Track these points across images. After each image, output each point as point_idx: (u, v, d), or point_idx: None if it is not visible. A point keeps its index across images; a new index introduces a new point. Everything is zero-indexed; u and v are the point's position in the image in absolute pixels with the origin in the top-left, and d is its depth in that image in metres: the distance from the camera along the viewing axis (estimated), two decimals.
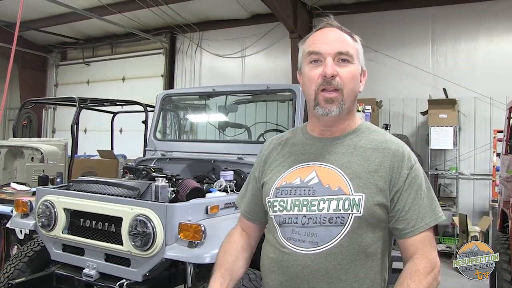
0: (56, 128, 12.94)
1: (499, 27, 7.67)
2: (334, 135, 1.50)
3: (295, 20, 8.40)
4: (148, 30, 10.71)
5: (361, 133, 1.50)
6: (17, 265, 3.18)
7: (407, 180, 1.39)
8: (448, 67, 8.00)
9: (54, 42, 12.59)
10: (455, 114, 7.22)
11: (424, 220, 1.37)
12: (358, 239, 1.36)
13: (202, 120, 5.30)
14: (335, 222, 1.36)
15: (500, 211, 4.49)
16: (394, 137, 1.51)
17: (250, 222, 1.67)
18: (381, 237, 1.41)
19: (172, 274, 2.89)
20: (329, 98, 1.40)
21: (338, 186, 1.39)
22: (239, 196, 1.75)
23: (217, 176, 3.65)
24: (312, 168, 1.46)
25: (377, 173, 1.39)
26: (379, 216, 1.38)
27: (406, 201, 1.38)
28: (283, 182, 1.49)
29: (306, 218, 1.39)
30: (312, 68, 1.44)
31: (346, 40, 1.46)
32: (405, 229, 1.38)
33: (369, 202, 1.36)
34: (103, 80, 11.93)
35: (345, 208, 1.35)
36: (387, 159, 1.41)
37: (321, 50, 1.42)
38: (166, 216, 2.51)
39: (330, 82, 1.40)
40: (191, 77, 10.80)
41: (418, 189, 1.39)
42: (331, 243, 1.35)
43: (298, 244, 1.39)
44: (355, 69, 1.45)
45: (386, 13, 8.43)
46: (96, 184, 2.99)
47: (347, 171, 1.40)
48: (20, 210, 3.20)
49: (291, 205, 1.43)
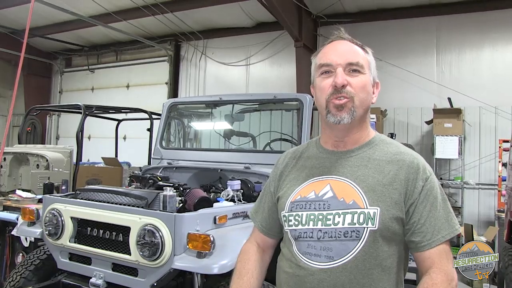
0: (60, 134, 12.97)
1: (504, 37, 7.68)
2: (348, 148, 1.49)
3: (300, 29, 8.43)
4: (153, 38, 10.75)
5: (375, 146, 1.49)
6: (23, 273, 3.17)
7: (422, 192, 1.38)
8: (452, 76, 8.01)
9: (59, 49, 12.66)
10: (460, 123, 7.21)
11: (441, 232, 1.36)
12: (373, 253, 1.34)
13: (208, 128, 5.31)
14: (350, 236, 1.35)
15: (508, 222, 4.46)
16: (409, 149, 1.50)
17: (266, 237, 1.66)
18: (397, 250, 1.40)
19: (180, 284, 2.87)
20: (339, 105, 1.40)
21: (352, 200, 1.38)
22: (253, 210, 1.74)
23: (223, 185, 3.65)
24: (326, 181, 1.45)
25: (391, 185, 1.38)
26: (395, 229, 1.36)
27: (422, 213, 1.37)
28: (297, 196, 1.48)
29: (321, 232, 1.38)
30: (323, 79, 1.45)
31: (357, 51, 1.46)
32: (421, 242, 1.36)
33: (384, 215, 1.35)
34: (108, 87, 11.98)
35: (360, 222, 1.35)
36: (402, 171, 1.40)
37: (332, 61, 1.43)
38: (175, 226, 2.50)
39: (340, 91, 1.40)
40: (195, 85, 10.82)
41: (433, 201, 1.38)
42: (346, 258, 1.34)
43: (314, 259, 1.38)
44: (366, 79, 1.44)
45: (390, 22, 8.46)
46: (103, 193, 2.98)
47: (361, 184, 1.40)
48: (27, 218, 3.19)
49: (306, 220, 1.42)
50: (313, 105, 3.78)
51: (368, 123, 1.52)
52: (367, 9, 8.69)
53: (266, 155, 3.95)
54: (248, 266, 1.59)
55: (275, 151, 4.20)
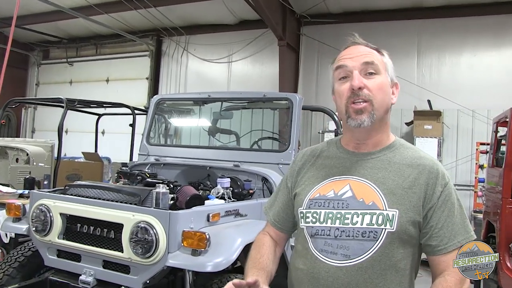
0: (36, 128, 12.67)
1: (483, 42, 7.89)
2: (369, 150, 1.52)
3: (284, 28, 8.47)
4: (134, 32, 10.61)
5: (396, 149, 1.52)
6: (6, 270, 3.07)
7: (440, 197, 1.41)
8: (432, 79, 8.19)
9: (36, 40, 12.34)
10: (439, 125, 7.37)
11: (457, 237, 1.39)
12: (389, 254, 1.37)
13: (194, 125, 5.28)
14: (368, 236, 1.38)
15: (486, 222, 4.60)
16: (428, 154, 1.53)
17: (278, 231, 1.68)
18: (411, 253, 1.43)
19: (171, 282, 2.86)
20: (359, 109, 1.43)
21: (372, 201, 1.40)
22: (268, 204, 1.76)
23: (212, 183, 3.63)
24: (346, 181, 1.48)
25: (411, 189, 1.41)
26: (411, 232, 1.40)
27: (440, 218, 1.40)
28: (316, 194, 1.50)
29: (339, 231, 1.41)
30: (341, 84, 1.48)
31: (372, 53, 1.49)
32: (438, 246, 1.40)
33: (403, 218, 1.38)
34: (87, 80, 11.76)
35: (379, 223, 1.38)
36: (422, 176, 1.43)
37: (347, 64, 1.46)
38: (170, 224, 2.48)
39: (358, 94, 1.42)
40: (176, 81, 10.74)
41: (451, 207, 1.42)
42: (363, 257, 1.37)
43: (330, 256, 1.40)
44: (383, 81, 1.47)
45: (373, 24, 8.56)
46: (94, 189, 2.93)
47: (381, 186, 1.42)
48: (12, 214, 3.11)
49: (324, 217, 1.44)
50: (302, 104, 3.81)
51: (388, 125, 1.55)
52: (350, 10, 8.79)
53: (254, 153, 3.95)
54: (263, 250, 1.60)
55: (263, 150, 4.21)
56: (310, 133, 8.79)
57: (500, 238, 3.89)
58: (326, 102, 7.85)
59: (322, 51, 8.92)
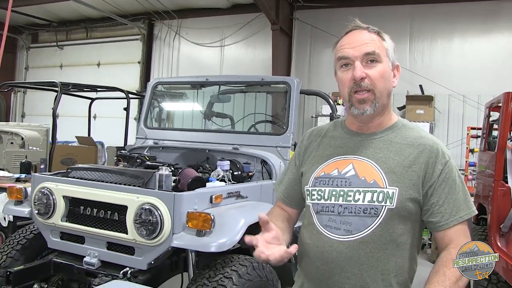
0: (26, 112, 12.53)
1: (473, 28, 7.96)
2: (371, 131, 1.57)
3: (277, 12, 8.44)
4: (125, 15, 10.48)
5: (398, 130, 1.57)
6: (9, 253, 3.11)
7: (441, 175, 1.46)
8: (424, 64, 8.24)
9: (24, 23, 12.10)
10: (431, 110, 7.46)
11: (459, 213, 1.45)
12: (389, 230, 1.44)
13: (189, 109, 5.29)
14: (369, 212, 1.44)
15: (478, 205, 4.69)
16: (430, 134, 1.58)
17: (288, 207, 1.74)
18: (411, 228, 1.49)
19: (174, 263, 2.91)
20: (361, 99, 1.48)
21: (373, 179, 1.46)
22: (278, 181, 1.82)
23: (211, 166, 3.67)
24: (349, 161, 1.53)
25: (411, 168, 1.47)
26: (411, 209, 1.45)
27: (441, 195, 1.45)
28: (321, 172, 1.56)
29: (342, 207, 1.47)
30: (343, 72, 1.52)
31: (373, 41, 1.51)
32: (439, 221, 1.45)
33: (402, 195, 1.44)
34: (77, 64, 11.60)
35: (379, 200, 1.44)
36: (422, 155, 1.48)
37: (349, 55, 1.49)
38: (174, 205, 2.52)
39: (360, 85, 1.47)
40: (168, 65, 10.67)
41: (452, 184, 1.47)
42: (364, 232, 1.44)
43: (334, 232, 1.47)
44: (384, 68, 1.50)
45: (366, 8, 8.54)
46: (96, 171, 2.95)
47: (382, 165, 1.48)
48: (14, 197, 3.13)
49: (328, 195, 1.51)
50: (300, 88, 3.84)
51: (390, 107, 1.59)
52: None
53: (251, 136, 3.98)
54: (276, 212, 1.70)
55: (261, 133, 4.25)
56: (303, 117, 8.82)
57: (491, 219, 3.98)
58: (319, 86, 7.87)
59: (315, 35, 8.90)
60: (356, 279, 1.45)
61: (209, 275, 2.55)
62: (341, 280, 1.47)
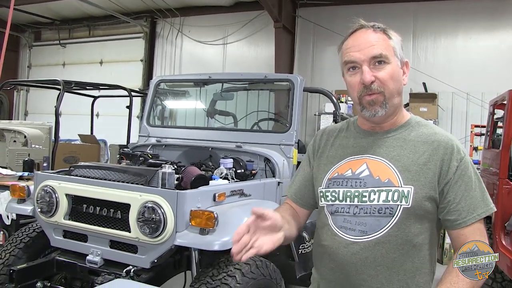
0: (28, 111, 12.55)
1: (477, 26, 7.92)
2: (384, 130, 1.54)
3: (280, 10, 8.43)
4: (128, 13, 10.49)
5: (411, 127, 1.53)
6: (12, 251, 3.09)
7: (456, 172, 1.42)
8: (428, 62, 8.22)
9: (27, 21, 12.13)
10: (435, 108, 7.44)
11: (476, 211, 1.41)
12: (405, 230, 1.41)
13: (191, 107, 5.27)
14: (384, 212, 1.41)
15: None
16: (444, 130, 1.54)
17: (297, 205, 1.71)
18: (429, 228, 1.46)
19: (177, 261, 2.90)
20: (371, 100, 1.45)
21: (388, 178, 1.43)
22: (290, 183, 1.80)
23: (214, 163, 3.65)
24: (363, 160, 1.51)
25: (426, 165, 1.43)
26: (427, 208, 1.42)
27: (457, 192, 1.41)
28: (335, 173, 1.53)
29: (357, 208, 1.44)
30: (351, 75, 1.48)
31: (379, 42, 1.46)
32: (457, 220, 1.41)
33: (418, 194, 1.40)
34: (80, 63, 11.62)
35: (394, 200, 1.41)
36: (437, 152, 1.45)
37: (355, 58, 1.45)
38: (177, 203, 2.51)
39: (370, 88, 1.43)
40: (171, 63, 10.67)
41: (468, 181, 1.43)
42: (379, 233, 1.41)
43: (349, 233, 1.44)
44: (393, 68, 1.46)
45: (369, 6, 8.53)
46: (99, 169, 2.94)
47: (396, 164, 1.45)
48: (17, 195, 3.12)
49: (343, 196, 1.48)
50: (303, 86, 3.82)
51: (402, 105, 1.56)
52: None
53: (254, 134, 3.96)
54: (285, 207, 1.70)
55: (264, 131, 4.23)
56: (306, 115, 8.81)
57: (496, 217, 3.96)
58: (321, 84, 7.86)
59: (317, 33, 8.88)
60: (372, 280, 1.42)
61: (213, 274, 2.53)
62: (356, 281, 1.44)
